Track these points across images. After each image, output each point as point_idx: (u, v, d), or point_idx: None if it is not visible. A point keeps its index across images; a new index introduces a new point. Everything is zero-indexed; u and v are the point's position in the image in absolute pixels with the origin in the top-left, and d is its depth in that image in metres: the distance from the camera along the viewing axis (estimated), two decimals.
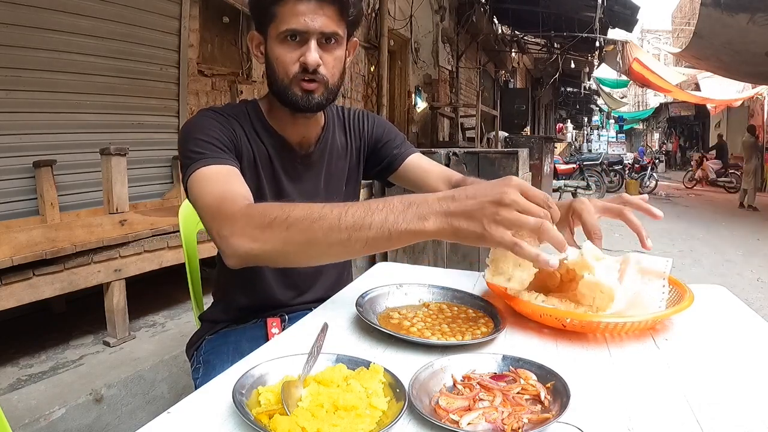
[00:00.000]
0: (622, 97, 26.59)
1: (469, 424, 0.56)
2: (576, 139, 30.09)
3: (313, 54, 0.93)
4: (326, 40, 0.95)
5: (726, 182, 11.89)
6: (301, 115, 1.03)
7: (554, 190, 8.59)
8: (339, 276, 1.19)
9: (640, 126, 31.82)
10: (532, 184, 0.71)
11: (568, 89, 20.31)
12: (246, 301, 1.12)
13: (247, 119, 1.06)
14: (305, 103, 0.97)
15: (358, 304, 0.87)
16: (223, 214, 0.79)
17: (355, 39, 1.06)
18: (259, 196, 1.04)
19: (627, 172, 12.30)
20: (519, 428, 0.56)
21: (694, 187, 12.13)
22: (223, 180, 0.87)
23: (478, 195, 0.67)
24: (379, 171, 1.23)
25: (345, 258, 0.79)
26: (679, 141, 23.67)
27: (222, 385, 0.65)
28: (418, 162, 1.19)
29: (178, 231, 1.44)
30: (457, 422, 0.56)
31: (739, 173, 10.67)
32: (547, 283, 0.94)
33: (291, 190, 1.09)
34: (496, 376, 0.67)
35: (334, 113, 1.18)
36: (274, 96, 1.02)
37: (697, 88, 14.67)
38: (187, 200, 0.99)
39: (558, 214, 0.69)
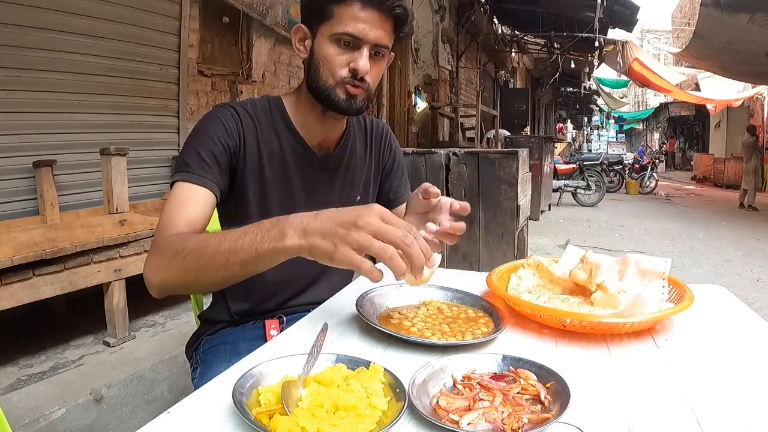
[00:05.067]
0: (622, 97, 26.59)
1: (469, 424, 0.56)
2: (576, 139, 30.08)
3: (365, 62, 0.94)
4: (376, 53, 0.97)
5: None
6: (332, 115, 1.03)
7: (554, 190, 8.58)
8: (340, 280, 1.18)
9: (640, 126, 31.82)
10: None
11: (568, 89, 20.29)
12: (245, 302, 1.11)
13: (267, 115, 1.05)
14: (348, 106, 0.98)
15: (358, 304, 0.88)
16: (153, 244, 0.86)
17: (392, 52, 1.06)
18: (262, 196, 1.04)
19: (627, 172, 12.29)
20: (519, 428, 0.56)
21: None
22: (181, 205, 0.90)
23: (338, 215, 0.69)
24: (379, 199, 1.25)
25: (236, 280, 0.79)
26: (676, 142, 23.64)
27: (222, 385, 0.65)
28: None
29: None
30: (457, 422, 0.56)
31: None
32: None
33: (302, 194, 1.08)
34: (496, 376, 0.67)
35: (354, 119, 1.18)
36: (311, 93, 1.02)
37: (697, 88, 14.67)
38: None
39: (422, 244, 0.69)
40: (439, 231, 0.84)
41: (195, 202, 0.91)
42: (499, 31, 11.16)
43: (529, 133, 13.31)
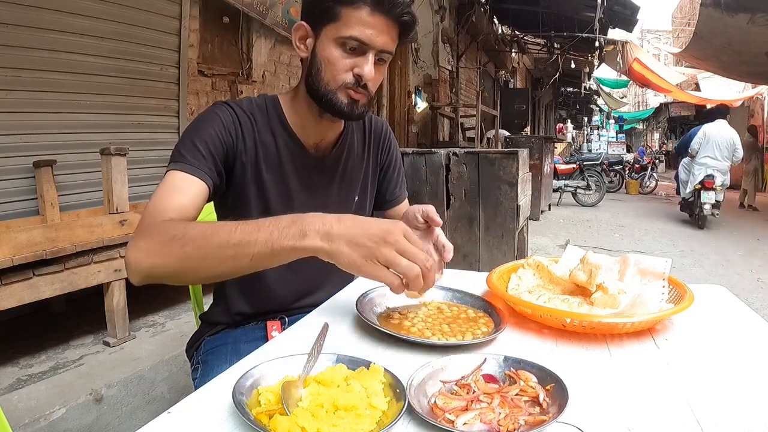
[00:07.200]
0: (622, 97, 26.58)
1: (464, 424, 0.56)
2: (576, 139, 30.06)
3: (370, 68, 0.93)
4: (379, 59, 0.95)
5: None
6: (329, 117, 1.01)
7: (554, 190, 8.57)
8: (342, 281, 1.16)
9: (640, 126, 31.81)
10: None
11: (568, 89, 20.27)
12: (246, 304, 1.11)
13: (264, 115, 1.04)
14: (350, 110, 0.96)
15: (358, 304, 0.88)
16: (140, 228, 0.83)
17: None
18: (261, 196, 1.04)
19: (627, 172, 12.29)
20: (515, 429, 0.56)
21: None
22: (174, 192, 0.89)
23: (364, 226, 0.69)
24: (375, 199, 1.24)
25: (239, 274, 0.76)
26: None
27: (222, 385, 0.65)
28: (405, 207, 1.27)
29: None
30: (452, 422, 0.56)
31: None
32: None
33: (300, 195, 1.07)
34: (488, 378, 0.67)
35: None
36: (309, 94, 1.00)
37: (697, 88, 14.66)
38: None
39: (437, 265, 0.77)
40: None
41: (188, 192, 0.90)
42: (499, 31, 11.16)
43: (529, 133, 13.31)
